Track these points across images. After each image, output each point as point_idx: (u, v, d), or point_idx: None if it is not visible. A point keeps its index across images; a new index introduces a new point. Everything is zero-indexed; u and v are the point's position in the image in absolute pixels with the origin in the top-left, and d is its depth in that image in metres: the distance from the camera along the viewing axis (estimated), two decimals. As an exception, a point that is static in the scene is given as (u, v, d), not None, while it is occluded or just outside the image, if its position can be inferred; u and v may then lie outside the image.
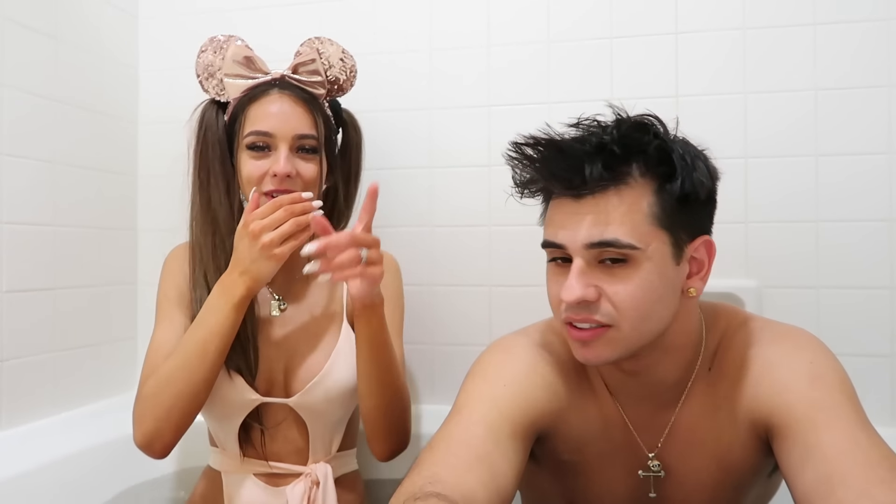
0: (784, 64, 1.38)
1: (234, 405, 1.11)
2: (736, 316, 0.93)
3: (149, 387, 1.05)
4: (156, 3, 1.66)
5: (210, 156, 1.15)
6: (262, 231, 1.02)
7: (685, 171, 0.80)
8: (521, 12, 1.50)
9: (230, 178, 1.15)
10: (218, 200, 1.14)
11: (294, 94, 1.15)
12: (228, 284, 1.05)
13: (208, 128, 1.17)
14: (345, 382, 1.14)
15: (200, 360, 1.03)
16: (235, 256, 1.05)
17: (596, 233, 0.78)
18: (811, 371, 0.81)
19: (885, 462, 0.69)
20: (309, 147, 1.13)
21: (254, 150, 1.11)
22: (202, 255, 1.14)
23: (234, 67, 1.16)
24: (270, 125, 1.11)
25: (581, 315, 0.80)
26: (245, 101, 1.14)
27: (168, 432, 1.04)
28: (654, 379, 0.88)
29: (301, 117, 1.13)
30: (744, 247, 1.40)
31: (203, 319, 1.05)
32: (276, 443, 1.15)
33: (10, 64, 1.28)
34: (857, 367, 1.30)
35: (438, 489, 0.69)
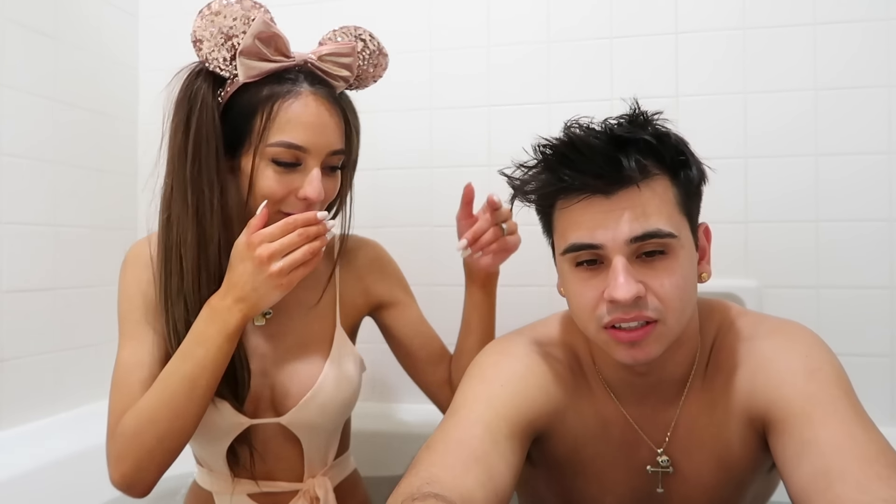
0: (783, 63, 1.38)
1: (220, 430, 0.99)
2: (730, 311, 0.93)
3: (128, 424, 0.90)
4: (156, 3, 1.66)
5: (203, 148, 0.93)
6: (272, 258, 0.88)
7: (694, 159, 0.83)
8: (521, 12, 1.50)
9: (226, 178, 0.95)
10: (209, 207, 0.94)
11: (327, 96, 0.97)
12: (222, 311, 0.90)
13: (203, 108, 0.94)
14: (341, 394, 1.04)
15: (188, 396, 0.89)
16: (231, 279, 0.91)
17: (637, 227, 0.77)
18: (806, 365, 0.81)
19: (883, 457, 0.69)
20: (337, 165, 1.00)
21: (279, 166, 0.93)
22: (181, 266, 0.95)
23: (253, 45, 0.94)
24: (306, 139, 0.93)
25: (632, 314, 0.78)
26: (273, 96, 0.94)
27: (151, 473, 0.91)
28: (661, 377, 0.88)
29: (335, 128, 0.98)
30: (744, 247, 1.40)
31: (190, 351, 0.90)
32: (268, 462, 1.05)
33: (10, 64, 1.28)
34: (857, 367, 1.30)
35: (436, 489, 0.69)
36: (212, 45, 0.94)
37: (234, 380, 0.98)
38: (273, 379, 1.03)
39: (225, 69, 0.95)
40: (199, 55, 0.95)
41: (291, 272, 0.90)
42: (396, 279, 1.19)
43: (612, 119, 0.82)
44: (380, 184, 1.56)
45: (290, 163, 0.94)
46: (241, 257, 0.90)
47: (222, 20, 0.94)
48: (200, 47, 0.95)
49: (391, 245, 1.40)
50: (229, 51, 0.94)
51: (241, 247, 0.90)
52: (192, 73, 0.97)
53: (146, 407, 0.90)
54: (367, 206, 1.57)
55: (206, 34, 0.95)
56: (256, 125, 0.93)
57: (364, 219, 1.57)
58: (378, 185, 1.56)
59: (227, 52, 0.94)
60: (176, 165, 0.95)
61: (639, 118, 0.82)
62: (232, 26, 0.94)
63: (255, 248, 0.89)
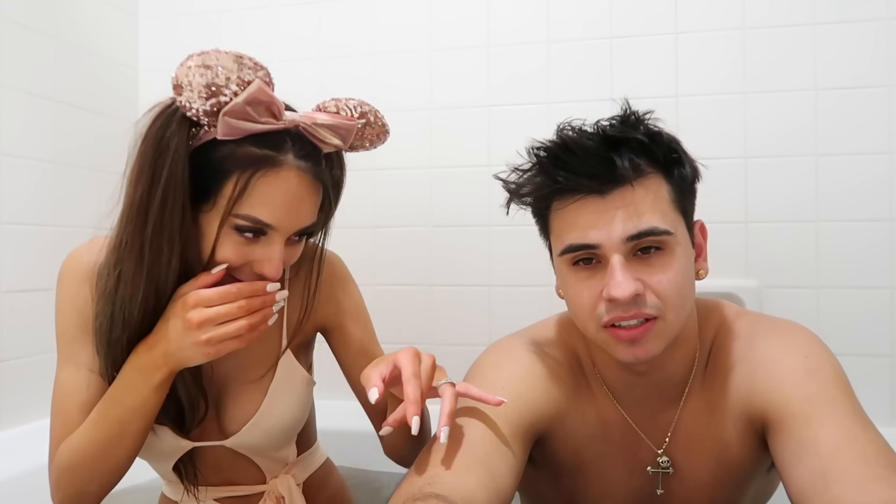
0: (784, 63, 1.38)
1: (161, 453, 0.96)
2: (728, 312, 0.93)
3: (63, 458, 0.88)
4: (156, 3, 1.66)
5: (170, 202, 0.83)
6: (202, 325, 0.82)
7: (686, 156, 0.83)
8: (522, 13, 1.50)
9: (188, 237, 0.85)
10: (165, 265, 0.85)
11: (311, 173, 0.86)
12: (148, 363, 0.85)
13: (175, 159, 0.83)
14: (286, 417, 0.99)
15: (118, 438, 0.86)
16: (160, 330, 0.85)
17: (632, 225, 0.77)
18: (806, 365, 0.81)
19: (882, 458, 0.69)
20: (304, 234, 0.91)
21: (241, 234, 0.84)
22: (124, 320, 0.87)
23: (242, 109, 0.82)
24: (278, 219, 0.84)
25: (631, 311, 0.78)
26: (252, 164, 0.82)
27: (91, 497, 0.90)
28: (661, 377, 0.88)
29: (311, 205, 0.88)
30: (744, 247, 1.40)
31: (118, 398, 0.86)
32: (223, 473, 1.01)
33: (10, 64, 1.28)
34: (857, 367, 1.30)
35: (438, 490, 0.68)
36: (194, 96, 0.81)
37: (181, 413, 0.93)
38: (216, 399, 0.98)
39: (203, 119, 0.82)
40: (177, 99, 0.82)
41: (220, 343, 0.83)
42: (344, 304, 1.07)
43: (604, 120, 0.82)
44: (380, 184, 1.56)
45: (254, 233, 0.85)
46: (175, 313, 0.84)
47: (212, 76, 0.81)
48: (180, 92, 0.81)
49: (391, 245, 1.40)
50: (212, 106, 0.81)
51: (177, 301, 0.84)
52: (166, 113, 0.85)
53: (78, 445, 0.88)
54: (367, 206, 1.57)
55: (191, 83, 0.81)
56: (228, 191, 0.83)
57: (364, 219, 1.57)
58: (378, 185, 1.56)
59: (209, 106, 0.81)
60: (134, 217, 0.86)
61: (630, 118, 0.82)
62: (223, 85, 0.81)
63: (188, 309, 0.82)
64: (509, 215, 0.88)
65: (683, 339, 0.86)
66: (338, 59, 1.58)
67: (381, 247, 1.55)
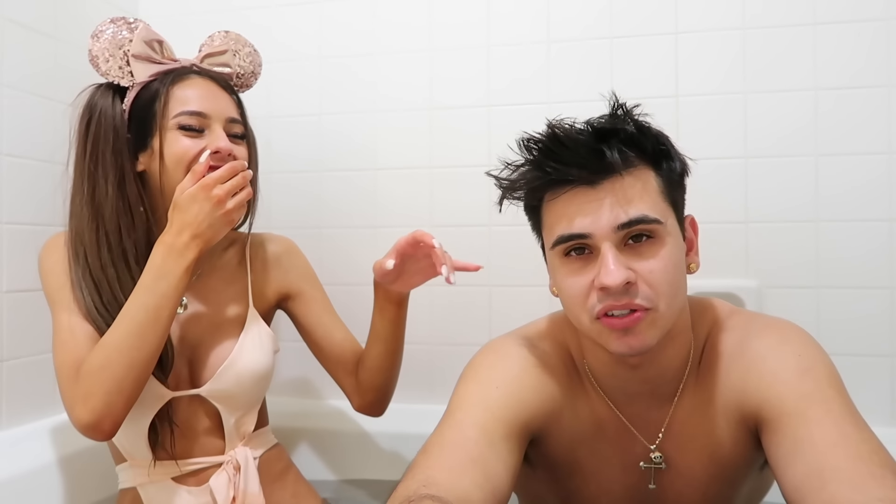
0: (784, 64, 1.38)
1: (142, 404, 1.05)
2: (722, 310, 0.93)
3: (94, 361, 0.97)
4: (156, 3, 1.67)
5: (100, 145, 1.06)
6: (227, 196, 1.01)
7: (674, 151, 0.84)
8: (522, 12, 1.50)
9: (125, 169, 1.06)
10: (104, 193, 1.06)
11: (215, 80, 1.12)
12: (179, 247, 1.00)
13: (102, 113, 1.07)
14: (255, 365, 1.13)
15: (153, 326, 0.98)
16: (183, 219, 1.00)
17: (621, 213, 0.78)
18: (799, 364, 0.81)
19: (876, 456, 0.69)
20: (239, 133, 1.12)
21: (187, 131, 1.06)
22: (84, 251, 1.05)
23: (141, 48, 1.08)
24: (202, 105, 1.07)
25: (623, 301, 0.78)
26: (167, 83, 1.07)
27: (119, 407, 0.97)
28: (654, 373, 0.88)
29: (227, 101, 1.11)
30: (744, 247, 1.40)
31: (152, 285, 0.99)
32: (188, 439, 1.11)
33: (10, 64, 1.28)
34: (857, 367, 1.31)
35: (433, 491, 0.69)
36: (106, 57, 1.08)
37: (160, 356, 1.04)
38: (189, 356, 1.13)
39: (122, 77, 1.08)
40: (98, 72, 1.08)
41: (238, 211, 1.03)
42: (303, 271, 1.27)
43: (594, 118, 0.83)
44: (380, 184, 1.56)
45: (196, 128, 1.06)
46: (195, 198, 1.00)
47: (107, 38, 1.08)
48: (98, 63, 1.08)
49: (391, 246, 1.40)
50: (122, 58, 1.08)
51: (192, 190, 1.00)
52: (91, 89, 1.11)
53: (112, 341, 0.98)
54: (367, 206, 1.57)
55: (101, 47, 1.08)
56: (157, 108, 1.06)
57: (364, 219, 1.58)
58: (378, 185, 1.56)
59: (120, 59, 1.08)
60: (77, 166, 1.09)
61: (617, 112, 0.84)
62: (119, 38, 1.08)
63: (210, 189, 1.00)
64: (503, 213, 0.90)
65: (676, 334, 0.86)
66: (338, 58, 1.58)
67: (381, 247, 1.55)
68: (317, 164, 1.59)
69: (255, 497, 1.12)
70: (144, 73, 1.08)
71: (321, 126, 1.59)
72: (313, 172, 1.60)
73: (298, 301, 1.25)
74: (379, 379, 1.19)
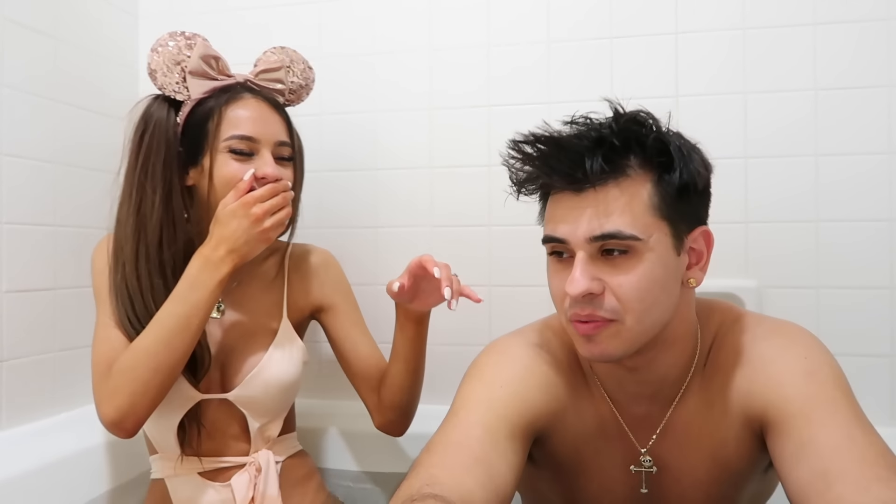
0: (784, 64, 1.38)
1: (172, 403, 1.10)
2: (730, 312, 0.93)
3: (125, 361, 1.02)
4: (156, 3, 1.66)
5: (152, 157, 1.10)
6: (266, 215, 1.04)
7: (682, 161, 0.81)
8: (521, 12, 1.50)
9: (173, 183, 1.11)
10: (150, 204, 1.09)
11: (267, 100, 1.15)
12: (215, 261, 1.04)
13: (156, 125, 1.11)
14: (283, 375, 1.17)
15: (182, 334, 1.02)
16: (222, 234, 1.04)
17: (596, 225, 0.78)
18: (806, 366, 0.81)
19: (882, 459, 0.69)
20: (287, 156, 1.15)
21: (236, 155, 1.10)
22: (124, 261, 1.10)
23: (198, 65, 1.12)
24: (254, 130, 1.10)
25: (586, 311, 0.80)
26: (221, 102, 1.11)
27: (143, 407, 1.02)
28: (655, 376, 0.88)
29: (278, 124, 1.15)
30: (744, 247, 1.40)
31: (184, 295, 1.04)
32: (215, 440, 1.16)
33: (10, 64, 1.28)
34: (857, 367, 1.30)
35: (436, 490, 0.69)
36: (164, 72, 1.12)
37: (194, 359, 1.09)
38: (222, 361, 1.17)
39: (178, 91, 1.13)
40: (155, 85, 1.13)
41: (275, 229, 1.07)
42: (337, 285, 1.30)
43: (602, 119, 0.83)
44: (380, 184, 1.56)
45: (245, 152, 1.10)
46: (235, 215, 1.04)
47: (169, 50, 1.12)
48: (155, 77, 1.13)
49: (391, 245, 1.40)
50: (179, 74, 1.13)
51: (233, 206, 1.04)
52: (149, 100, 1.15)
53: (142, 345, 1.03)
54: (366, 206, 1.57)
55: (160, 61, 1.12)
56: (210, 127, 1.10)
57: (364, 219, 1.57)
58: (378, 185, 1.56)
59: (177, 75, 1.13)
60: (127, 175, 1.13)
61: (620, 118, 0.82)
62: (178, 53, 1.12)
63: (250, 206, 1.04)
64: (504, 209, 0.90)
65: (674, 340, 0.86)
66: (338, 58, 1.58)
67: (381, 247, 1.56)
68: (316, 164, 1.59)
69: (273, 500, 1.15)
70: (200, 89, 1.12)
71: (321, 126, 1.58)
72: (313, 172, 1.58)
73: (330, 314, 1.27)
74: (400, 397, 1.19)
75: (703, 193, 0.86)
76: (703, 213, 0.87)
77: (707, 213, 0.88)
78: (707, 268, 0.87)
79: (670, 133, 0.84)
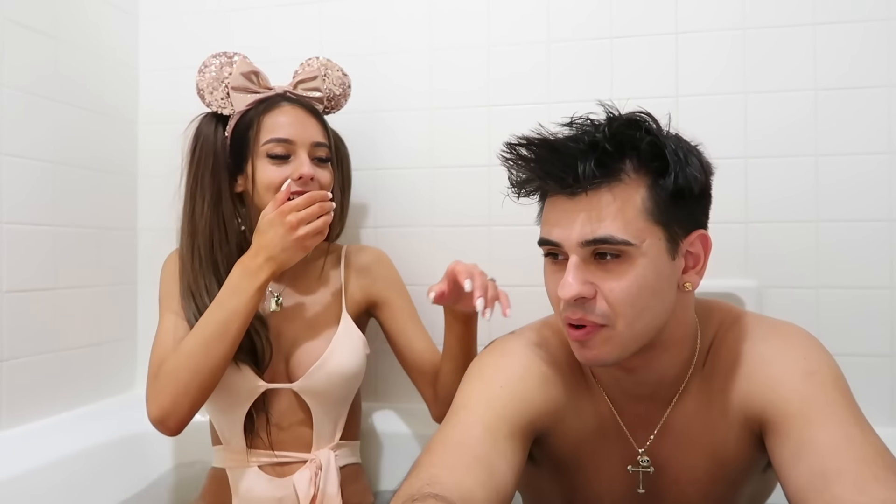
0: (784, 64, 1.38)
1: (240, 394, 1.16)
2: (730, 312, 0.93)
3: (169, 363, 1.09)
4: (156, 3, 1.66)
5: (202, 168, 1.20)
6: (300, 223, 1.08)
7: (678, 165, 0.80)
8: (522, 12, 1.50)
9: (222, 190, 1.20)
10: (201, 211, 1.19)
11: (303, 106, 1.23)
12: (254, 268, 1.10)
13: (205, 140, 1.22)
14: (346, 366, 1.21)
15: (221, 339, 1.08)
16: (260, 242, 1.10)
17: (589, 230, 0.78)
18: (805, 367, 0.81)
19: (880, 459, 0.69)
20: (324, 157, 1.21)
21: (274, 158, 1.17)
22: (186, 266, 1.19)
23: (240, 80, 1.21)
24: (289, 133, 1.17)
25: (577, 315, 0.80)
26: (259, 112, 1.20)
27: (184, 407, 1.08)
28: (653, 377, 0.88)
29: (314, 126, 1.21)
30: (744, 247, 1.40)
31: (224, 301, 1.10)
32: (281, 432, 1.20)
33: (10, 64, 1.28)
34: (857, 367, 1.30)
35: (437, 490, 0.69)
36: (211, 90, 1.23)
37: (255, 351, 1.16)
38: (287, 353, 1.22)
39: (224, 107, 1.23)
40: (204, 103, 1.24)
41: (312, 238, 1.10)
42: (391, 281, 1.34)
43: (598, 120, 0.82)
44: (380, 184, 1.56)
45: (282, 155, 1.17)
46: (272, 224, 1.09)
47: (210, 72, 1.23)
48: (203, 95, 1.24)
49: (391, 245, 1.40)
50: (223, 91, 1.23)
51: (271, 216, 1.10)
52: (201, 118, 1.26)
53: (184, 347, 1.09)
54: (367, 206, 1.57)
55: (205, 83, 1.23)
56: (251, 135, 1.19)
57: (364, 219, 1.57)
58: (378, 185, 1.56)
59: (221, 92, 1.23)
60: (185, 188, 1.22)
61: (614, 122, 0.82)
62: (220, 71, 1.23)
63: (285, 215, 1.08)
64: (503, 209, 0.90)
65: (672, 342, 0.86)
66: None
67: (381, 247, 1.55)
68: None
69: (333, 498, 1.18)
70: (242, 102, 1.22)
71: (321, 126, 1.58)
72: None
73: (385, 309, 1.32)
74: (452, 392, 1.19)
75: (701, 197, 0.85)
76: (701, 217, 0.86)
77: (706, 216, 0.87)
78: (704, 272, 0.86)
79: (668, 136, 0.83)
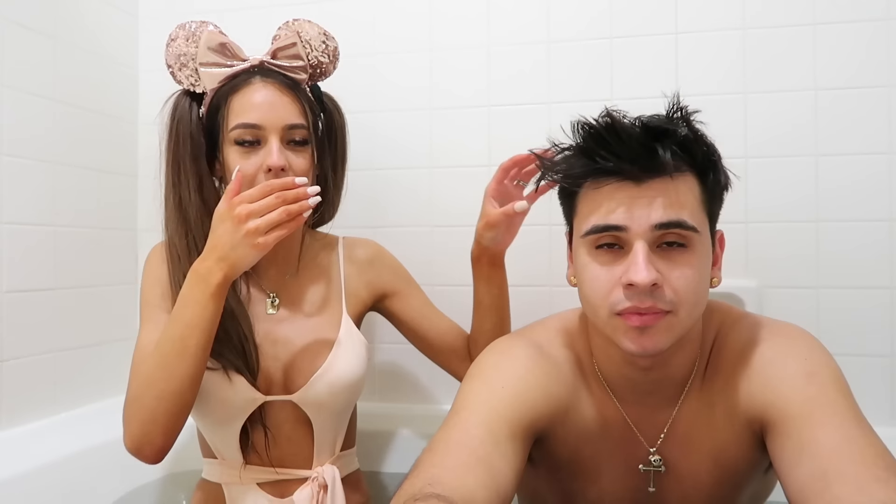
0: (784, 64, 1.38)
1: (234, 407, 1.05)
2: (730, 313, 0.93)
3: (130, 390, 0.98)
4: (156, 3, 1.66)
5: (181, 151, 1.08)
6: (249, 216, 0.93)
7: (720, 163, 0.85)
8: (522, 12, 1.50)
9: (202, 174, 1.08)
10: (188, 198, 1.07)
11: (278, 82, 1.08)
12: (203, 272, 0.95)
13: (180, 121, 1.09)
14: (350, 373, 1.11)
15: (179, 357, 0.94)
16: (212, 241, 0.96)
17: (665, 213, 0.78)
18: (806, 368, 0.81)
19: (881, 460, 0.69)
20: (300, 139, 1.07)
21: (242, 146, 1.04)
22: (178, 256, 1.06)
23: (208, 55, 1.07)
24: (258, 116, 1.04)
25: (648, 303, 0.78)
26: (227, 91, 1.07)
27: (157, 436, 0.96)
28: (663, 375, 0.88)
29: (288, 106, 1.06)
30: (744, 247, 1.40)
31: (178, 314, 0.96)
32: (279, 447, 1.10)
33: (10, 64, 1.28)
34: (857, 367, 1.30)
35: (438, 490, 0.69)
36: (179, 66, 1.10)
37: (244, 354, 1.05)
38: (284, 360, 1.10)
39: (195, 84, 1.10)
40: (175, 81, 1.12)
41: (268, 232, 0.94)
42: (396, 270, 1.26)
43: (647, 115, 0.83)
44: (380, 184, 1.56)
45: (250, 140, 1.05)
46: (222, 219, 0.96)
47: (176, 46, 1.10)
48: (173, 72, 1.11)
49: (391, 245, 1.40)
50: (192, 68, 1.10)
51: (221, 210, 0.96)
52: (176, 96, 1.13)
53: (143, 371, 0.97)
54: (366, 206, 1.57)
55: (170, 60, 1.11)
56: (220, 119, 1.06)
57: (364, 219, 1.57)
58: (378, 185, 1.56)
59: (191, 68, 1.10)
60: (166, 174, 1.10)
61: (674, 115, 0.83)
62: (186, 45, 1.10)
63: (234, 208, 0.94)
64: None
65: (689, 339, 0.86)
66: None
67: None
68: (317, 164, 1.59)
69: None
70: (213, 80, 1.08)
71: (321, 126, 1.58)
72: (313, 172, 1.60)
73: (396, 299, 1.25)
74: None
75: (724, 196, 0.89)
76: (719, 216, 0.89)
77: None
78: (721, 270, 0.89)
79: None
